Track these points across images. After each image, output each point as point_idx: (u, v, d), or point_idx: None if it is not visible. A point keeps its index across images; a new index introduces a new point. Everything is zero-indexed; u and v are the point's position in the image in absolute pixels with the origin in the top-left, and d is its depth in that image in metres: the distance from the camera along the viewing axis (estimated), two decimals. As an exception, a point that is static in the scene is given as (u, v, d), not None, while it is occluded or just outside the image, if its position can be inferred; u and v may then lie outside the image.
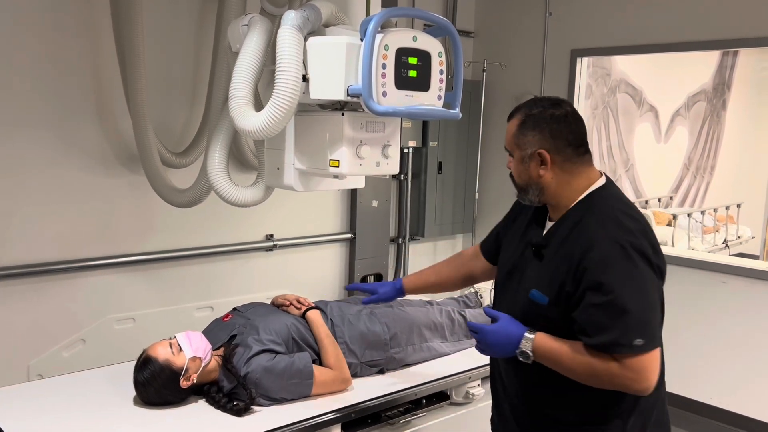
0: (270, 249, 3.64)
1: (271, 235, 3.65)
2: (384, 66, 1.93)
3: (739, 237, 6.62)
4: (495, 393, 1.99)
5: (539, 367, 1.72)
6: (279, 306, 2.55)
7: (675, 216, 5.99)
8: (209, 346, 2.23)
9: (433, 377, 2.48)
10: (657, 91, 6.80)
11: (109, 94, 2.95)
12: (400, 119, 2.23)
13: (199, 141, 3.06)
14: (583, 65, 4.25)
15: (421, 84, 2.04)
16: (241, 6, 2.50)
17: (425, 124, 4.36)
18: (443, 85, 2.10)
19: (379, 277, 4.15)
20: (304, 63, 1.97)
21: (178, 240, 3.28)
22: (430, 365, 2.59)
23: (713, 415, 3.77)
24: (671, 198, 7.38)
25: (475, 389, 2.56)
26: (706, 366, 3.80)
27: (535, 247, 1.79)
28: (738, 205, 6.72)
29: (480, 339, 1.78)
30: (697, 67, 7.21)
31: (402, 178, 4.35)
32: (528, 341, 1.69)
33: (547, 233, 1.79)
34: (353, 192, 3.96)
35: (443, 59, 2.08)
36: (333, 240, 3.97)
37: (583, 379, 1.66)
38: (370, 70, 1.89)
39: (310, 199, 3.78)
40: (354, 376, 2.40)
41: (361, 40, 1.91)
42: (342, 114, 2.05)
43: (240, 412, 2.10)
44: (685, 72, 7.05)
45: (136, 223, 3.13)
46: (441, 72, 2.08)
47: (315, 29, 2.02)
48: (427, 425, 2.47)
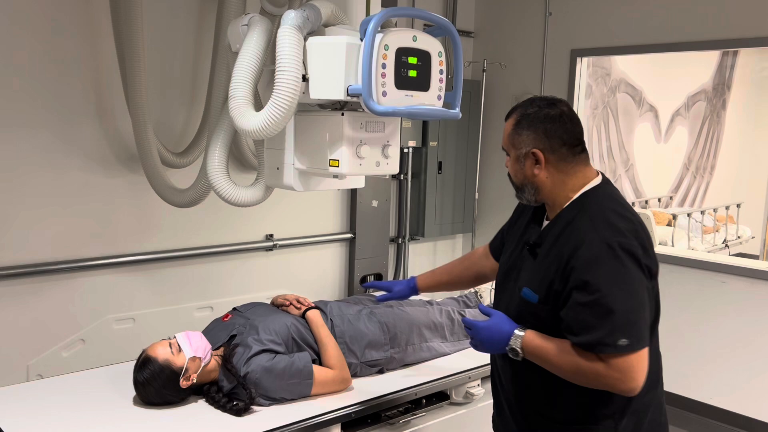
0: (270, 249, 3.64)
1: (271, 235, 3.65)
2: (384, 66, 1.93)
3: (739, 237, 6.62)
4: (494, 390, 2.00)
5: (531, 366, 1.73)
6: (279, 306, 2.55)
7: (675, 216, 5.99)
8: (209, 346, 2.23)
9: (433, 377, 2.49)
10: (657, 91, 6.80)
11: (109, 93, 2.95)
12: (399, 119, 2.23)
13: (199, 141, 3.06)
14: (583, 65, 4.25)
15: (421, 84, 2.04)
16: (241, 6, 2.50)
17: (425, 123, 4.36)
18: (443, 85, 2.10)
19: (379, 277, 4.15)
20: (303, 63, 1.97)
21: (177, 240, 3.28)
22: (429, 365, 2.60)
23: (713, 415, 3.77)
24: (671, 198, 7.38)
25: (475, 389, 2.56)
26: (706, 366, 3.80)
27: (530, 246, 1.80)
28: (738, 205, 6.72)
29: (473, 335, 1.82)
30: (697, 67, 7.20)
31: (402, 178, 4.34)
32: (518, 338, 1.72)
33: (542, 232, 1.80)
34: (353, 192, 3.96)
35: (443, 59, 2.08)
36: (333, 240, 3.97)
37: (571, 378, 1.67)
38: (369, 69, 1.89)
39: (310, 199, 3.78)
40: (354, 375, 2.40)
41: (361, 39, 1.91)
42: (342, 114, 2.05)
43: (240, 412, 2.10)
44: (685, 72, 7.04)
45: (135, 223, 3.13)
46: (441, 72, 2.08)
47: (315, 29, 2.02)
48: (427, 425, 2.47)
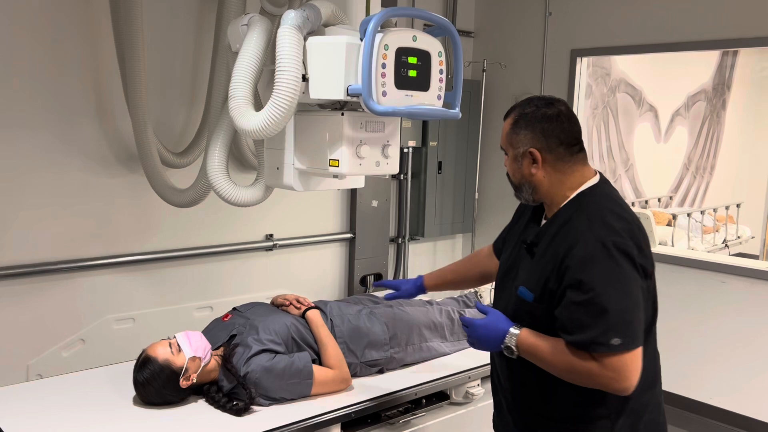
0: (270, 249, 3.64)
1: (271, 235, 3.65)
2: (384, 66, 1.93)
3: (739, 237, 6.62)
4: (494, 389, 2.01)
5: (528, 364, 1.74)
6: (279, 306, 2.55)
7: (675, 216, 5.99)
8: (209, 345, 2.22)
9: (433, 377, 2.49)
10: (657, 91, 6.80)
11: (109, 94, 2.95)
12: (399, 119, 2.23)
13: (199, 141, 3.06)
14: (583, 65, 4.25)
15: (421, 84, 2.04)
16: (241, 6, 2.50)
17: (425, 123, 4.36)
18: (443, 85, 2.10)
19: (379, 277, 4.15)
20: (303, 63, 1.97)
21: (177, 240, 3.27)
22: (429, 365, 2.60)
23: (713, 415, 3.77)
24: (671, 198, 7.37)
25: (475, 389, 2.56)
26: (706, 366, 3.80)
27: (528, 245, 1.81)
28: (738, 205, 6.72)
29: (469, 333, 1.83)
30: (697, 67, 7.20)
31: (402, 177, 4.34)
32: (513, 337, 1.73)
33: (539, 231, 1.80)
34: (353, 192, 3.96)
35: (443, 59, 2.08)
36: (333, 240, 3.97)
37: (565, 377, 1.67)
38: (369, 69, 1.89)
39: (309, 199, 3.78)
40: (354, 375, 2.40)
41: (361, 39, 1.91)
42: (342, 114, 2.05)
43: (240, 411, 2.10)
44: (685, 72, 7.04)
45: (135, 223, 3.13)
46: (441, 72, 2.08)
47: (315, 29, 2.02)
48: (427, 425, 2.47)
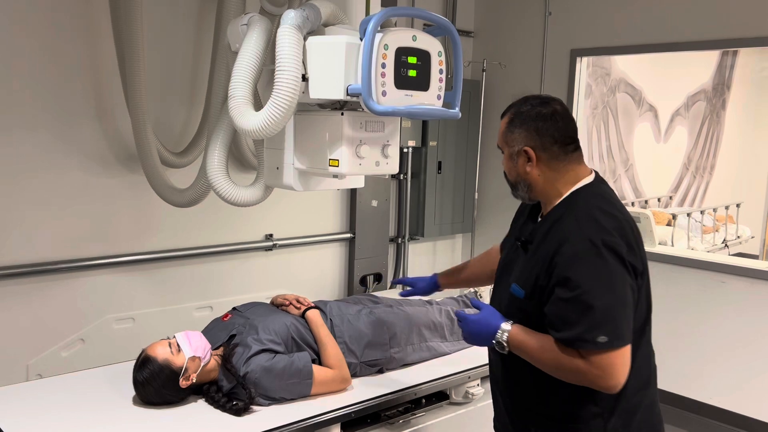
0: (269, 249, 3.64)
1: (271, 235, 3.65)
2: (383, 65, 1.93)
3: (739, 237, 6.61)
4: (492, 386, 2.03)
5: (521, 362, 1.75)
6: (278, 306, 2.55)
7: (674, 216, 5.98)
8: (208, 345, 2.22)
9: (433, 377, 2.48)
10: (656, 91, 6.79)
11: (109, 94, 2.95)
12: (399, 119, 2.23)
13: (199, 140, 3.06)
14: (583, 65, 4.25)
15: (421, 83, 2.04)
16: (241, 5, 2.49)
17: (425, 123, 4.36)
18: (443, 85, 2.10)
19: (379, 277, 4.16)
20: (303, 62, 1.97)
21: (177, 240, 3.27)
22: (429, 365, 2.60)
23: (713, 415, 3.77)
24: (671, 198, 7.37)
25: (475, 389, 2.56)
26: (705, 366, 3.80)
27: (522, 242, 1.83)
28: (737, 205, 6.71)
29: (462, 327, 1.85)
30: (697, 67, 7.20)
31: (401, 177, 4.34)
32: (504, 332, 1.74)
33: (534, 229, 1.82)
34: (353, 192, 3.96)
35: (443, 59, 2.08)
36: (332, 240, 3.97)
37: (553, 373, 1.69)
38: (369, 69, 1.89)
39: (309, 199, 3.78)
40: (353, 375, 2.40)
41: (361, 39, 1.91)
42: (341, 113, 2.05)
43: (239, 411, 2.10)
44: (685, 72, 7.04)
45: (135, 223, 3.13)
46: (441, 71, 2.08)
47: (314, 29, 2.02)
48: (427, 425, 2.47)
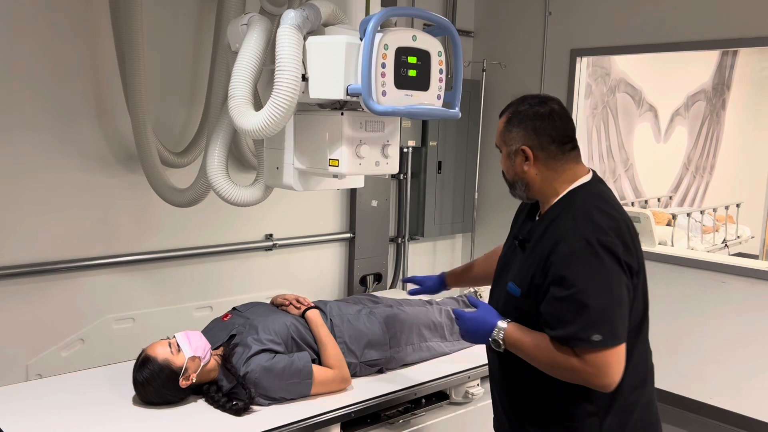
0: (269, 248, 3.64)
1: (271, 235, 3.65)
2: (383, 65, 1.93)
3: (739, 237, 6.61)
4: (491, 385, 2.03)
5: (517, 360, 1.76)
6: (278, 306, 2.55)
7: (674, 216, 5.98)
8: (208, 345, 2.22)
9: (433, 377, 2.48)
10: (656, 91, 6.79)
11: (109, 94, 2.94)
12: (399, 119, 2.22)
13: (199, 140, 3.05)
14: (583, 65, 4.25)
15: (421, 83, 2.04)
16: (241, 5, 2.49)
17: (425, 123, 4.36)
18: (443, 85, 2.10)
19: (379, 277, 4.16)
20: (303, 62, 1.97)
21: (177, 239, 3.27)
22: (429, 365, 2.59)
23: (713, 415, 3.77)
24: (671, 198, 7.37)
25: (475, 389, 2.56)
26: (706, 366, 3.79)
27: (520, 241, 1.84)
28: (737, 205, 6.71)
29: (459, 325, 1.86)
30: (697, 67, 7.20)
31: (401, 177, 4.34)
32: (500, 330, 1.75)
33: (531, 228, 1.83)
34: (353, 191, 3.96)
35: (443, 59, 2.08)
36: (332, 239, 3.97)
37: (549, 371, 1.69)
38: (369, 69, 1.89)
39: (309, 199, 3.78)
40: (353, 375, 2.40)
41: (361, 39, 1.91)
42: (341, 113, 2.05)
43: (239, 411, 2.10)
44: (685, 72, 7.04)
45: (135, 223, 3.13)
46: (440, 71, 2.08)
47: (314, 28, 2.02)
48: (427, 425, 2.47)
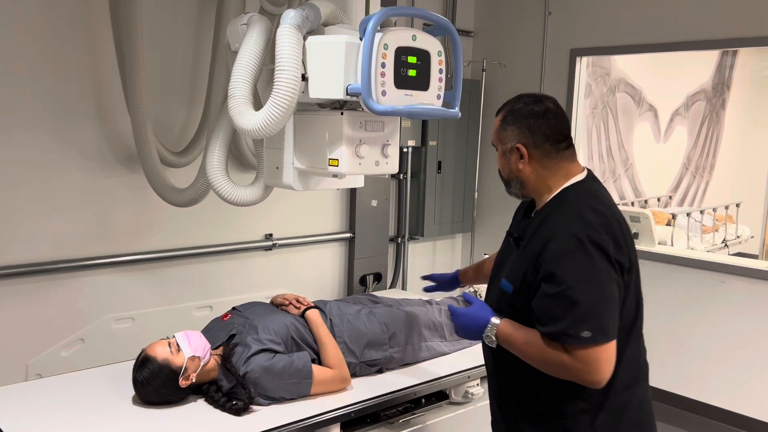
0: (269, 248, 3.64)
1: (271, 235, 3.65)
2: (383, 65, 1.93)
3: (739, 236, 6.61)
4: (488, 383, 2.04)
5: (510, 357, 1.77)
6: (278, 305, 2.55)
7: (674, 215, 5.98)
8: (208, 345, 2.22)
9: (432, 376, 2.48)
10: (656, 91, 6.79)
11: (108, 94, 2.94)
12: (399, 118, 2.22)
13: (198, 140, 3.05)
14: (583, 64, 4.25)
15: (421, 83, 2.04)
16: (241, 5, 2.49)
17: (424, 123, 4.36)
18: (443, 85, 2.10)
19: (379, 277, 4.16)
20: (303, 62, 1.97)
21: (177, 239, 3.27)
22: (429, 364, 2.59)
23: (713, 415, 3.77)
24: (670, 197, 7.37)
25: (474, 388, 2.56)
26: (705, 366, 3.79)
27: (514, 239, 1.86)
28: (737, 205, 6.71)
29: (454, 321, 1.89)
30: (697, 67, 7.20)
31: (401, 177, 4.34)
32: (493, 327, 1.77)
33: (526, 225, 1.85)
34: (352, 191, 3.96)
35: (443, 58, 2.08)
36: (332, 239, 3.97)
37: (540, 367, 1.71)
38: (369, 69, 1.89)
39: (309, 199, 3.78)
40: (353, 375, 2.39)
41: (361, 39, 1.91)
42: (341, 113, 2.05)
43: (239, 411, 2.10)
44: (685, 72, 7.04)
45: (134, 223, 3.13)
46: (440, 71, 2.08)
47: (314, 28, 2.02)
48: (427, 424, 2.47)
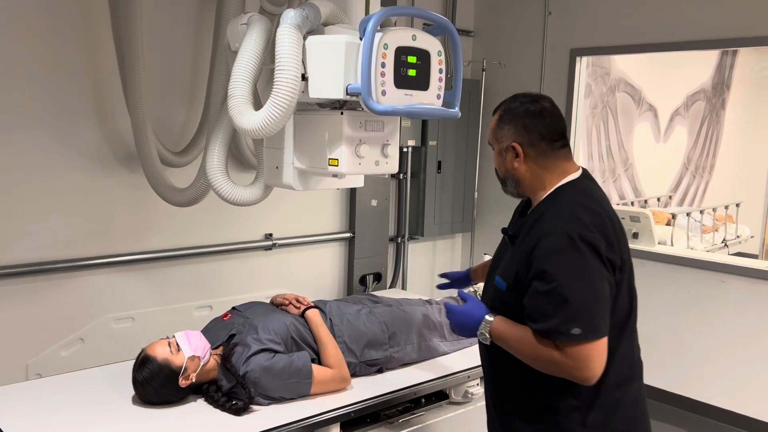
0: (269, 248, 3.64)
1: (270, 234, 3.65)
2: (383, 65, 1.93)
3: (738, 236, 6.61)
4: (484, 380, 2.04)
5: (503, 354, 1.78)
6: (278, 305, 2.55)
7: (674, 215, 5.98)
8: (208, 345, 2.22)
9: (432, 376, 2.49)
10: (656, 91, 6.79)
11: (108, 94, 2.94)
12: (399, 118, 2.22)
13: (198, 140, 3.05)
14: (583, 64, 4.25)
15: (421, 83, 2.04)
16: (240, 5, 2.49)
17: (424, 123, 4.36)
18: (442, 84, 2.10)
19: (378, 277, 4.16)
20: (303, 62, 1.97)
21: (177, 239, 3.27)
22: (429, 364, 2.60)
23: (713, 415, 3.77)
24: (670, 197, 7.37)
25: (474, 388, 2.56)
26: (705, 366, 3.79)
27: (509, 237, 1.87)
28: (737, 205, 6.71)
29: (449, 318, 1.90)
30: (697, 67, 7.20)
31: (401, 177, 4.34)
32: (487, 324, 1.79)
33: (520, 223, 1.86)
34: (352, 191, 3.96)
35: (442, 58, 2.08)
36: (332, 239, 3.97)
37: (532, 364, 1.72)
38: (369, 68, 1.89)
39: (309, 199, 3.78)
40: (353, 375, 2.39)
41: (361, 38, 1.91)
42: (341, 113, 2.05)
43: (239, 411, 2.10)
44: (685, 71, 7.04)
45: (134, 223, 3.13)
46: (440, 71, 2.08)
47: (314, 28, 2.02)
48: (426, 424, 2.47)
